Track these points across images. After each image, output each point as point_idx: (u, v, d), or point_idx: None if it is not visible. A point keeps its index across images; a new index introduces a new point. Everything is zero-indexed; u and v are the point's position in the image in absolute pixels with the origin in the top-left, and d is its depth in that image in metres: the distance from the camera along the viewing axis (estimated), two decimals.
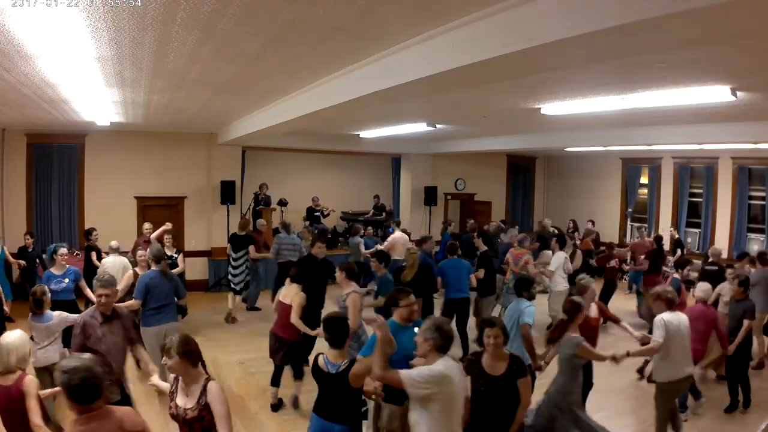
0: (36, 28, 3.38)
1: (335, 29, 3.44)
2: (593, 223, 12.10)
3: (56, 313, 4.54)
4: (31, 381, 3.13)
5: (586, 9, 2.33)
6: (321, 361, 3.34)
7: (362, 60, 4.18)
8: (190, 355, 2.77)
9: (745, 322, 5.25)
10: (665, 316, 4.34)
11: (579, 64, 3.43)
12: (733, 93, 4.78)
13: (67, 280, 5.75)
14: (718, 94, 4.80)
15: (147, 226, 8.03)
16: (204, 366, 2.87)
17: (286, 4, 2.97)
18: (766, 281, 6.49)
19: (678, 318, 4.40)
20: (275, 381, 5.32)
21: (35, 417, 2.99)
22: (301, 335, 5.19)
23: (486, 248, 7.63)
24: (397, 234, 9.59)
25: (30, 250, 8.38)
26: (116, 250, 6.76)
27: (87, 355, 2.59)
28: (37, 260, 8.38)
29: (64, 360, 2.79)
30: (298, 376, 5.32)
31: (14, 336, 3.18)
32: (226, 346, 7.04)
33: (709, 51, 3.49)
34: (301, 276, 5.28)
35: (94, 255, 7.73)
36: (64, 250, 5.88)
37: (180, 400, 2.79)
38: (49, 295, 4.62)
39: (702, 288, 5.27)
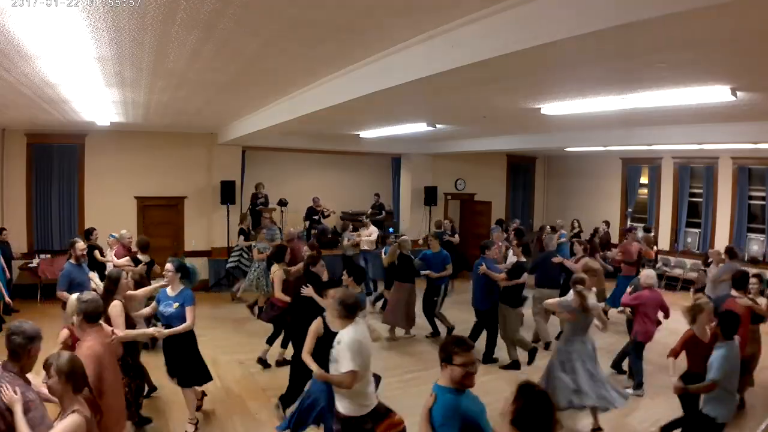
0: (36, 28, 3.38)
1: (335, 29, 3.44)
2: (608, 224, 12.00)
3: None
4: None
5: (587, 9, 2.33)
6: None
7: (362, 60, 4.19)
8: (73, 378, 2.60)
9: None
10: None
11: (579, 63, 3.43)
12: (733, 93, 4.77)
13: (176, 305, 4.62)
14: (718, 94, 4.79)
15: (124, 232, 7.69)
16: (91, 391, 2.74)
17: (286, 4, 2.97)
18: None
19: None
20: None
21: None
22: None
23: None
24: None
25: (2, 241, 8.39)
26: None
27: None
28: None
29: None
30: None
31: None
32: (226, 346, 7.04)
33: (709, 51, 3.49)
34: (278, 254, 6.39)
35: (97, 252, 7.64)
36: (168, 266, 4.76)
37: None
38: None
39: (648, 275, 5.83)
